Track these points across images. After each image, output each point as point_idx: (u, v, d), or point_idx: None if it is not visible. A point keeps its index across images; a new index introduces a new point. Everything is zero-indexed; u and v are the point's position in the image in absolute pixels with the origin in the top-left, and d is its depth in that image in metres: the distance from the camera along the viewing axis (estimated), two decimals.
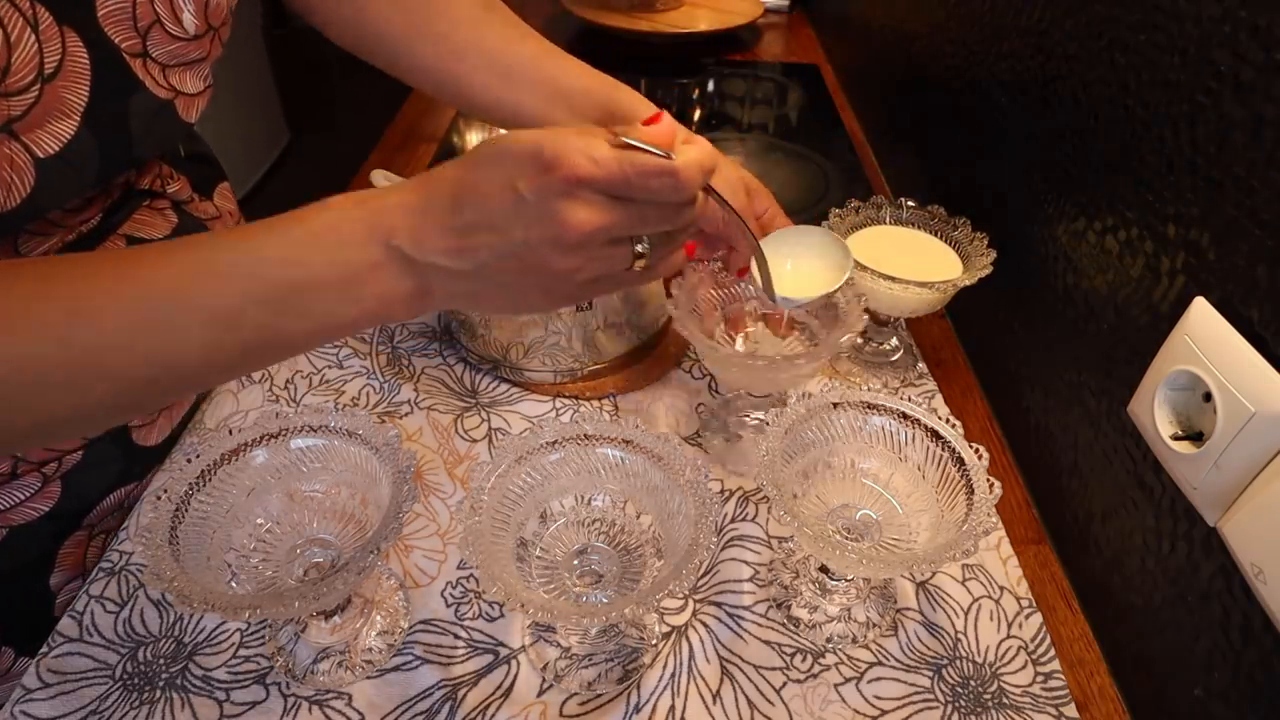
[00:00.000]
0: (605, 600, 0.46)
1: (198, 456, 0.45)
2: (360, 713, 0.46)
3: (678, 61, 1.29)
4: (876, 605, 0.52)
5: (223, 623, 0.50)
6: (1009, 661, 0.50)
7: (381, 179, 0.55)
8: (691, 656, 0.49)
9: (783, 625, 0.51)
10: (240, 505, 0.46)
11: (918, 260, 0.66)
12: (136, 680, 0.47)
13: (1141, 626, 0.50)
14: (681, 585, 0.39)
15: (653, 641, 0.50)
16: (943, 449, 0.48)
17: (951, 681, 0.49)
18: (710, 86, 1.24)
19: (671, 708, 0.47)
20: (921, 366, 0.71)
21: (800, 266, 0.54)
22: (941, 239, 0.68)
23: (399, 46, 0.61)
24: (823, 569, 0.51)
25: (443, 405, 0.65)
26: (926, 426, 0.48)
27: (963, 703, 0.48)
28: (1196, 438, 0.43)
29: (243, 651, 0.49)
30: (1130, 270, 0.51)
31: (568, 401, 0.66)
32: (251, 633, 0.50)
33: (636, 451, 0.47)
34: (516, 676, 0.48)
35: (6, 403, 0.35)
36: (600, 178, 0.36)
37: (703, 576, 0.54)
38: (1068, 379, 0.58)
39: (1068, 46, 0.59)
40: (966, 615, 0.52)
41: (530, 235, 0.37)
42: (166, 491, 0.43)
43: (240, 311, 0.37)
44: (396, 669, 0.48)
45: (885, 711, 0.47)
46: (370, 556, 0.40)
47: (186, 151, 0.65)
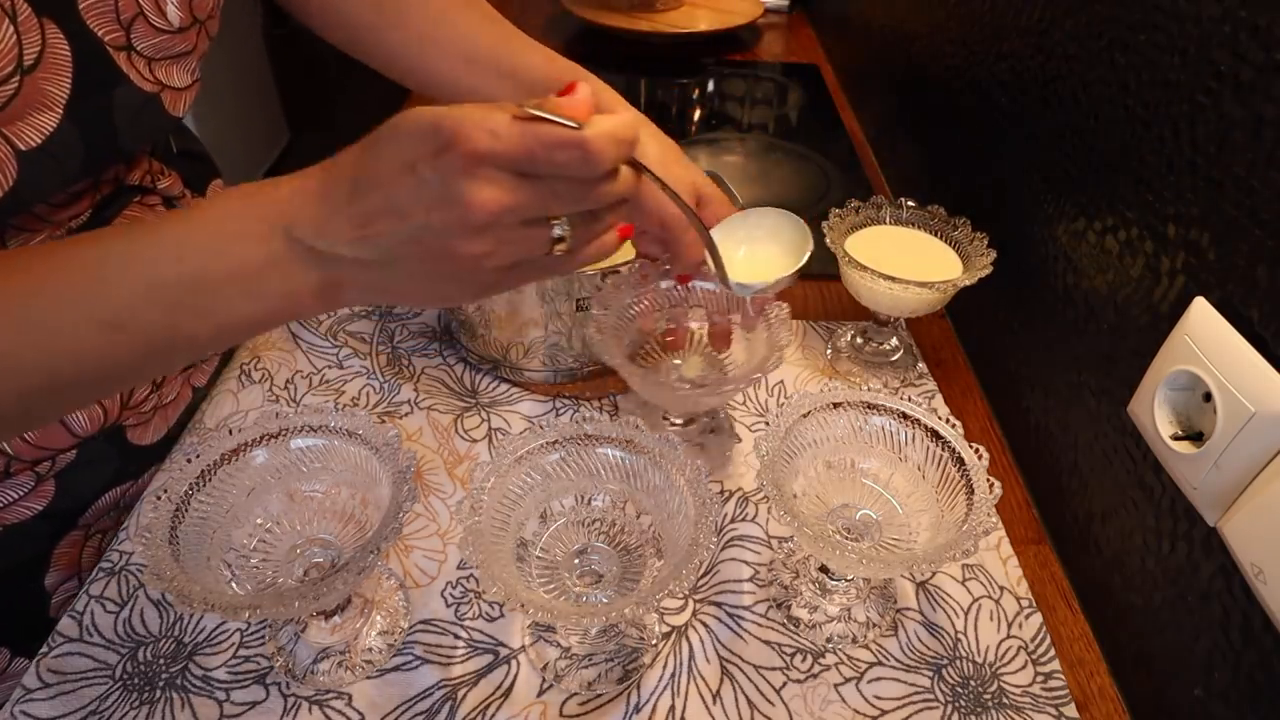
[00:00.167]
0: (605, 600, 0.46)
1: (198, 456, 0.45)
2: (360, 713, 0.46)
3: (678, 61, 1.29)
4: (876, 605, 0.52)
5: (223, 623, 0.50)
6: (1009, 661, 0.50)
7: None
8: (691, 656, 0.49)
9: (783, 625, 0.51)
10: (240, 505, 0.46)
11: (918, 260, 0.66)
12: (136, 680, 0.47)
13: (1141, 626, 0.50)
14: (681, 585, 0.39)
15: (653, 641, 0.50)
16: (943, 449, 0.48)
17: (951, 681, 0.49)
18: (710, 86, 1.24)
19: (671, 708, 0.47)
20: (921, 366, 0.71)
21: (756, 251, 0.52)
22: (941, 239, 0.68)
23: (368, 35, 0.61)
24: (823, 569, 0.51)
25: (443, 405, 0.65)
26: (926, 426, 0.48)
27: (963, 703, 0.48)
28: (1196, 438, 0.43)
29: (243, 651, 0.49)
30: (1130, 270, 0.51)
31: (568, 401, 0.66)
32: (251, 633, 0.50)
33: (636, 451, 0.47)
34: (516, 676, 0.48)
35: None
36: (501, 152, 0.33)
37: (703, 576, 0.54)
38: (1068, 379, 0.58)
39: (1068, 46, 0.59)
40: (966, 615, 0.52)
41: (433, 219, 0.35)
42: (166, 491, 0.43)
43: (133, 312, 0.36)
44: (396, 669, 0.48)
45: (885, 711, 0.47)
46: (370, 556, 0.40)
47: (178, 148, 0.65)
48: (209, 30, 0.54)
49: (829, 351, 0.71)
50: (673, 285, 0.59)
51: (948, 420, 0.48)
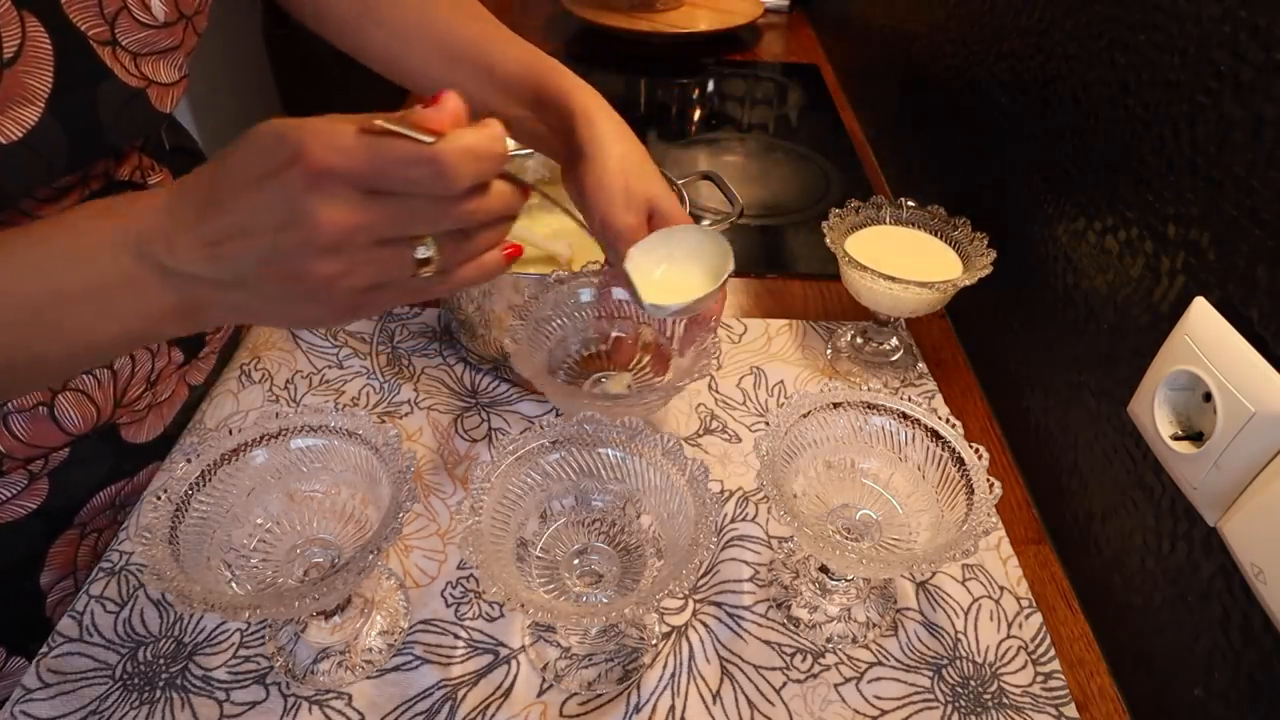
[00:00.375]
0: (605, 600, 0.46)
1: (198, 456, 0.45)
2: (360, 713, 0.46)
3: (678, 61, 1.30)
4: (876, 605, 0.52)
5: (223, 623, 0.50)
6: (1009, 661, 0.50)
7: None
8: (691, 656, 0.49)
9: (783, 625, 0.51)
10: (240, 505, 0.46)
11: (918, 260, 0.66)
12: (136, 680, 0.47)
13: (1141, 626, 0.50)
14: (681, 585, 0.39)
15: (653, 641, 0.50)
16: (943, 449, 0.48)
17: (951, 681, 0.49)
18: (710, 86, 1.24)
19: (671, 708, 0.47)
20: (921, 366, 0.71)
21: (675, 271, 0.50)
22: (941, 239, 0.68)
23: (349, 30, 0.61)
24: (823, 569, 0.51)
25: (443, 405, 0.65)
26: (926, 426, 0.48)
27: (963, 703, 0.48)
28: (1196, 438, 0.43)
29: (243, 651, 0.49)
30: (1130, 270, 0.51)
31: None
32: (251, 633, 0.50)
33: (636, 451, 0.47)
34: (516, 676, 0.48)
35: None
36: (346, 169, 0.31)
37: (703, 576, 0.54)
38: (1068, 379, 0.58)
39: (1068, 46, 0.59)
40: (966, 615, 0.52)
41: (280, 239, 0.33)
42: (166, 491, 0.43)
43: None
44: (396, 669, 0.48)
45: (885, 711, 0.47)
46: (370, 556, 0.40)
47: (171, 144, 0.65)
48: (196, 26, 0.53)
49: (829, 351, 0.71)
50: (627, 299, 0.57)
51: (948, 420, 0.48)
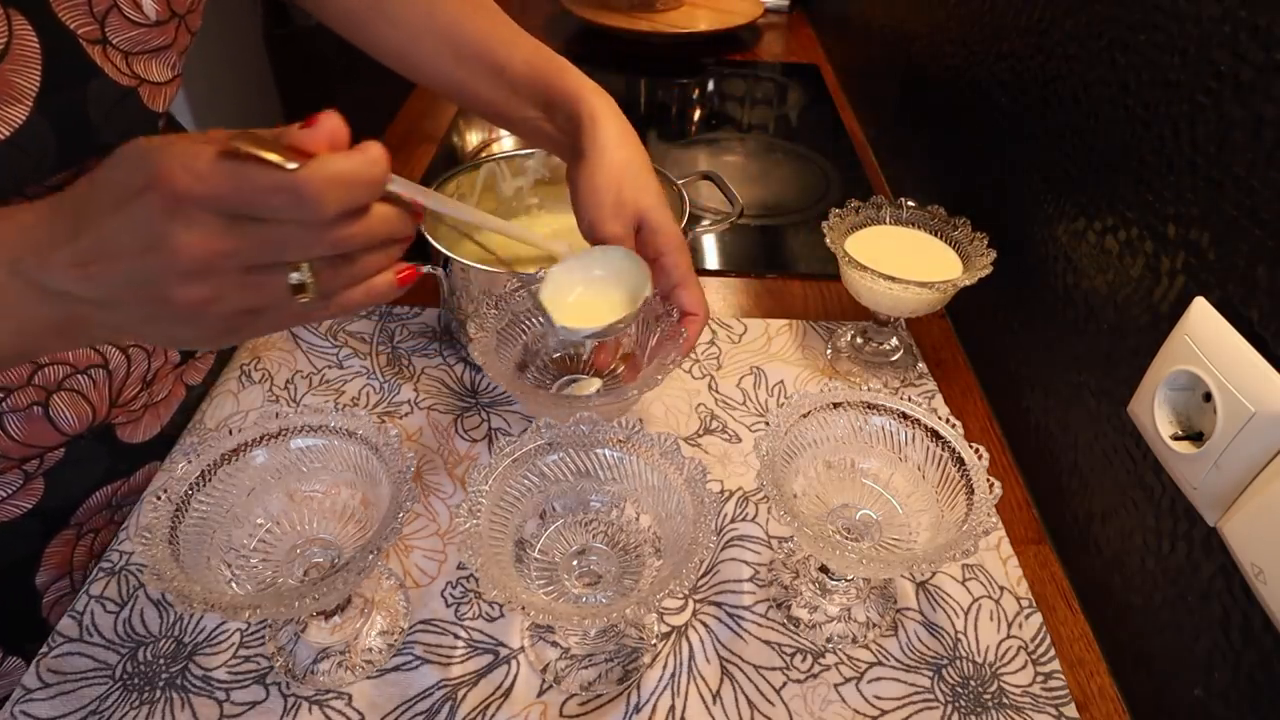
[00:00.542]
0: (604, 601, 0.46)
1: (198, 456, 0.45)
2: (360, 713, 0.46)
3: (678, 61, 1.30)
4: (876, 605, 0.52)
5: (223, 623, 0.50)
6: (1009, 661, 0.50)
7: None
8: (691, 656, 0.49)
9: (783, 625, 0.51)
10: (240, 505, 0.46)
11: (918, 260, 0.66)
12: (136, 680, 0.47)
13: (1141, 626, 0.50)
14: (681, 585, 0.39)
15: (652, 641, 0.50)
16: (943, 449, 0.48)
17: (951, 681, 0.49)
18: (710, 86, 1.24)
19: (671, 708, 0.47)
20: (921, 366, 0.71)
21: (593, 293, 0.49)
22: (941, 239, 0.68)
23: (360, 26, 0.61)
24: (823, 569, 0.51)
25: (443, 405, 0.65)
26: (926, 426, 0.48)
27: (963, 703, 0.48)
28: (1196, 438, 0.43)
29: (243, 651, 0.49)
30: (1130, 270, 0.51)
31: None
32: (251, 633, 0.50)
33: (635, 451, 0.47)
34: (516, 677, 0.48)
35: None
36: (204, 195, 0.30)
37: (703, 576, 0.54)
38: (1068, 379, 0.58)
39: (1068, 46, 0.59)
40: (966, 615, 0.52)
41: (144, 263, 0.32)
42: (166, 491, 0.43)
43: None
44: (396, 669, 0.48)
45: (885, 711, 0.47)
46: (370, 556, 0.40)
47: None
48: (189, 25, 0.53)
49: (829, 351, 0.71)
50: None
51: (948, 420, 0.48)
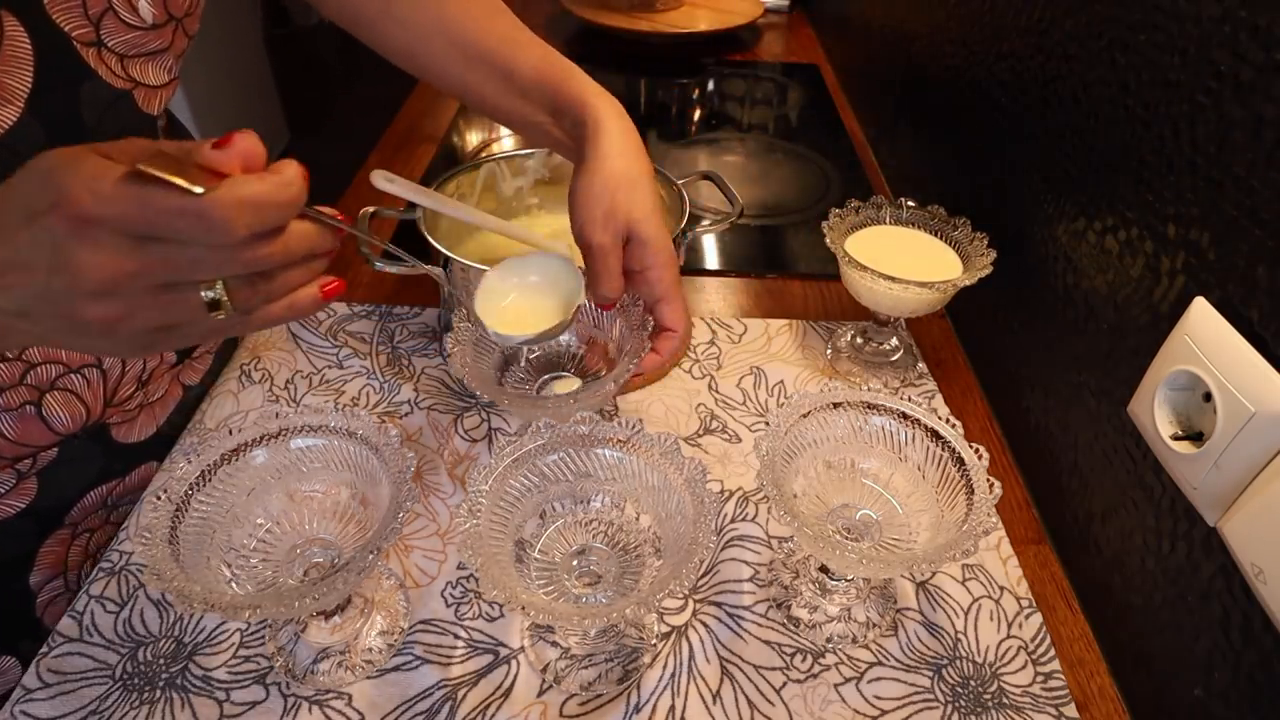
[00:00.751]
0: (604, 601, 0.46)
1: (198, 456, 0.45)
2: (360, 713, 0.46)
3: (678, 61, 1.30)
4: (876, 605, 0.52)
5: (223, 623, 0.50)
6: (1009, 661, 0.50)
7: (382, 180, 0.55)
8: (691, 656, 0.49)
9: (783, 625, 0.51)
10: (240, 505, 0.46)
11: (918, 260, 0.66)
12: (136, 680, 0.47)
13: (1141, 626, 0.50)
14: (681, 585, 0.39)
15: (652, 641, 0.50)
16: (943, 449, 0.48)
17: (951, 681, 0.49)
18: (710, 86, 1.24)
19: (671, 708, 0.47)
20: (921, 366, 0.71)
21: (527, 299, 0.49)
22: (941, 239, 0.68)
23: (368, 27, 0.61)
24: (823, 569, 0.51)
25: (443, 405, 0.65)
26: (926, 426, 0.48)
27: (963, 703, 0.48)
28: (1196, 438, 0.43)
29: (243, 651, 0.49)
30: (1130, 270, 0.51)
31: None
32: (251, 633, 0.50)
33: (635, 452, 0.47)
34: (516, 677, 0.48)
35: None
36: (108, 217, 0.30)
37: (703, 576, 0.54)
38: (1068, 379, 0.58)
39: (1068, 46, 0.59)
40: (966, 615, 0.52)
41: (51, 279, 0.31)
42: (166, 491, 0.43)
43: None
44: (396, 669, 0.48)
45: (885, 711, 0.47)
46: (370, 556, 0.40)
47: None
48: (187, 28, 0.53)
49: (829, 351, 0.71)
50: (594, 309, 0.57)
51: (948, 420, 0.48)
